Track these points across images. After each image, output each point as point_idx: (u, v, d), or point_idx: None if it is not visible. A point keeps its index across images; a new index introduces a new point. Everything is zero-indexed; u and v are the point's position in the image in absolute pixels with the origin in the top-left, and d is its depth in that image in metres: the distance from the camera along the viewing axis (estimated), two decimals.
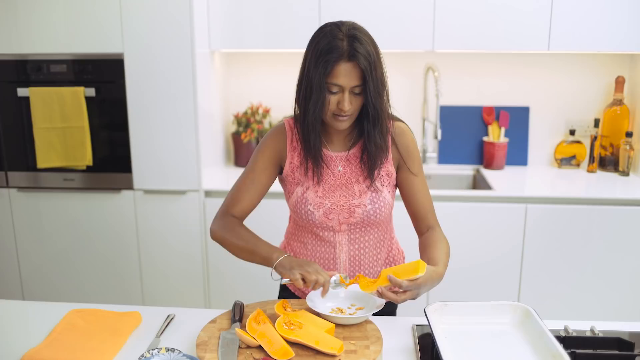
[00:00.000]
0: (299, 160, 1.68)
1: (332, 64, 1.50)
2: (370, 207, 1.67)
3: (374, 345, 1.42)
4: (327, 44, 1.51)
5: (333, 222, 1.68)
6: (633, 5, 2.72)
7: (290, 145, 1.69)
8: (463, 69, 3.19)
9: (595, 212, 2.71)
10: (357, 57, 1.50)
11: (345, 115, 1.57)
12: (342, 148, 1.70)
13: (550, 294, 2.81)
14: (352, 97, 1.55)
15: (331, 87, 1.53)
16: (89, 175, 2.85)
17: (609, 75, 3.13)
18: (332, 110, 1.56)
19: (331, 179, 1.68)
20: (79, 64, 2.74)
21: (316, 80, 1.52)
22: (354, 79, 1.52)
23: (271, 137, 1.72)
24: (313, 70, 1.53)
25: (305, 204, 1.67)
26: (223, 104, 3.20)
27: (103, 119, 2.80)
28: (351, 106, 1.55)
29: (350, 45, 1.50)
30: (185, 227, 2.86)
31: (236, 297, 2.89)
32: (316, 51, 1.53)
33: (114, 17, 2.66)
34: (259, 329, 1.43)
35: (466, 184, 3.24)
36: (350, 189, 1.68)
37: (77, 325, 1.56)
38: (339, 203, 1.67)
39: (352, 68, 1.51)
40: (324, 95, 1.54)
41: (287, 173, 1.70)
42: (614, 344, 1.49)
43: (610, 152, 3.11)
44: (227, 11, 2.86)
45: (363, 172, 1.68)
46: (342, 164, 1.68)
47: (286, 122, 1.72)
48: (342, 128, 1.61)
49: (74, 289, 2.99)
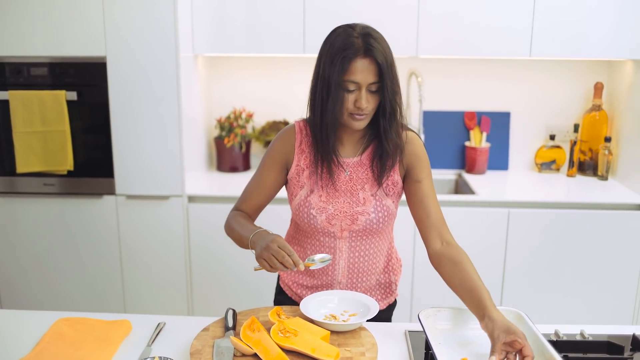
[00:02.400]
0: (305, 163, 1.67)
1: (348, 60, 1.50)
2: (374, 216, 1.65)
3: (369, 351, 1.42)
4: (342, 42, 1.52)
5: (335, 228, 1.66)
6: (611, 14, 2.77)
7: (298, 148, 1.68)
8: (445, 75, 3.22)
9: (576, 217, 2.75)
10: (373, 53, 1.50)
11: (362, 114, 1.55)
12: (352, 153, 1.68)
13: (532, 298, 2.85)
14: (369, 95, 1.54)
15: (348, 84, 1.52)
16: (69, 180, 2.80)
17: (587, 81, 3.19)
18: (350, 109, 1.55)
19: (337, 185, 1.66)
20: (61, 67, 2.69)
21: (334, 78, 1.52)
22: (371, 75, 1.52)
23: (280, 138, 1.71)
24: (329, 69, 1.52)
25: (308, 207, 1.66)
26: (206, 109, 3.18)
27: (85, 123, 2.75)
28: (369, 104, 1.54)
29: (365, 42, 1.51)
30: (169, 233, 2.82)
31: (220, 304, 2.88)
32: (331, 50, 1.53)
33: (96, 20, 2.62)
34: (254, 337, 1.41)
35: (448, 188, 3.26)
36: (355, 196, 1.66)
37: (66, 335, 1.53)
38: (343, 209, 1.65)
39: (368, 64, 1.51)
40: (342, 94, 1.53)
41: (292, 175, 1.69)
42: (604, 347, 1.51)
43: (589, 156, 3.16)
44: (211, 15, 2.84)
45: (369, 179, 1.66)
46: (350, 170, 1.67)
47: (296, 124, 1.71)
48: (359, 128, 1.59)
49: (53, 296, 2.93)
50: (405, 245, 2.81)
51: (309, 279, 1.76)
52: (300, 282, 1.78)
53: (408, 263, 2.83)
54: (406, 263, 2.83)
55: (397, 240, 1.91)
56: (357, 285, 1.74)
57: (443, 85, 3.24)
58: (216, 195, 2.82)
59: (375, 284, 1.79)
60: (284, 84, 3.22)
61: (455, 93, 3.25)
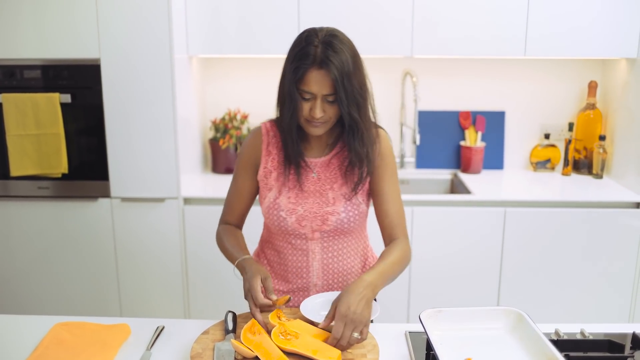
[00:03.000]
0: (272, 165, 1.67)
1: (302, 70, 1.50)
2: (344, 215, 1.64)
3: (370, 353, 1.41)
4: (300, 50, 1.51)
5: (306, 230, 1.65)
6: (605, 13, 2.78)
7: (265, 150, 1.68)
8: (439, 74, 3.22)
9: (572, 215, 2.76)
10: (328, 65, 1.48)
11: (317, 122, 1.56)
12: (319, 154, 1.69)
13: (529, 297, 2.85)
14: (326, 104, 1.54)
15: (303, 93, 1.52)
16: (64, 183, 2.78)
17: (581, 80, 3.20)
18: (305, 116, 1.55)
19: (305, 186, 1.66)
20: (54, 70, 2.67)
21: (289, 86, 1.53)
22: (325, 87, 1.51)
23: (247, 142, 1.73)
24: (287, 75, 1.54)
25: (278, 209, 1.65)
26: (200, 110, 3.17)
27: (79, 126, 2.74)
28: (324, 114, 1.54)
29: (323, 53, 1.49)
30: (164, 236, 2.81)
31: (217, 306, 2.87)
32: (291, 56, 1.54)
33: (90, 22, 2.60)
34: (254, 340, 1.41)
35: (444, 188, 3.26)
36: (324, 196, 1.65)
37: (64, 339, 1.51)
38: (312, 210, 1.64)
39: (323, 76, 1.50)
40: (296, 101, 1.53)
41: (261, 178, 1.70)
42: (605, 346, 1.51)
43: (584, 155, 3.17)
44: (205, 16, 2.83)
45: (338, 178, 1.66)
46: (317, 170, 1.67)
47: (263, 125, 1.72)
48: (316, 134, 1.60)
49: (49, 300, 2.91)
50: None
51: (284, 283, 1.75)
52: (276, 287, 1.76)
53: None
54: None
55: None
56: (333, 286, 1.73)
57: (438, 85, 3.24)
58: (212, 197, 2.80)
59: None
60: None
61: (449, 93, 3.25)
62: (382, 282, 1.52)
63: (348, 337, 1.37)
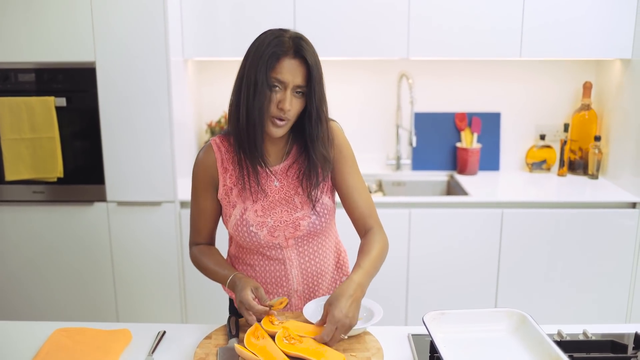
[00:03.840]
0: (232, 181, 1.60)
1: (277, 57, 1.45)
2: (315, 217, 1.61)
3: (375, 356, 1.41)
4: (272, 40, 1.47)
5: (279, 239, 1.61)
6: (600, 14, 2.79)
7: (221, 167, 1.60)
8: (435, 76, 3.23)
9: (569, 216, 2.77)
10: (304, 53, 1.47)
11: (284, 118, 1.50)
12: (277, 161, 1.63)
13: (527, 297, 2.86)
14: (293, 98, 1.49)
15: (274, 82, 1.47)
16: (59, 188, 2.76)
17: (576, 81, 3.21)
18: (272, 112, 1.49)
19: (269, 196, 1.60)
20: (49, 73, 2.65)
21: (260, 76, 1.46)
22: (298, 77, 1.47)
23: (200, 162, 1.63)
24: (256, 67, 1.47)
25: (247, 225, 1.58)
26: (196, 113, 3.15)
27: (74, 129, 2.72)
28: (292, 107, 1.49)
29: (296, 44, 1.47)
30: (161, 240, 2.79)
31: (214, 311, 2.85)
32: (260, 48, 1.48)
33: (85, 25, 2.59)
34: (258, 344, 1.40)
35: (440, 189, 3.26)
36: (291, 203, 1.61)
37: (65, 346, 1.50)
38: (282, 219, 1.60)
39: (297, 65, 1.47)
40: (267, 92, 1.47)
41: (222, 196, 1.62)
42: (608, 346, 1.51)
43: (580, 156, 3.18)
44: (201, 19, 2.82)
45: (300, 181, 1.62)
46: (278, 178, 1.62)
47: (212, 142, 1.63)
48: (277, 135, 1.53)
49: (45, 306, 2.88)
50: (399, 251, 2.81)
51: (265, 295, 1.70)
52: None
53: (402, 265, 2.82)
54: (400, 266, 2.83)
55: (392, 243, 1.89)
56: (314, 289, 1.71)
57: (433, 86, 3.24)
58: None
59: (331, 281, 1.76)
60: None
61: (445, 94, 3.26)
62: (368, 280, 1.52)
63: (337, 339, 1.41)
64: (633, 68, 2.85)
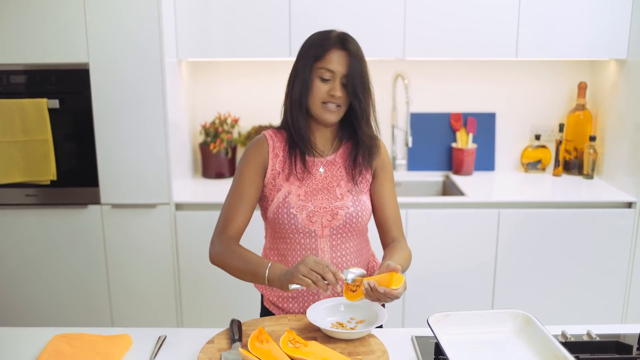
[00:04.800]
0: (280, 166, 1.69)
1: (325, 49, 1.61)
2: (353, 210, 1.68)
3: (380, 359, 1.39)
4: (319, 37, 1.65)
5: (316, 226, 1.66)
6: (594, 15, 2.80)
7: (272, 153, 1.70)
8: (430, 76, 3.22)
9: (565, 216, 2.77)
10: (349, 47, 1.61)
11: (335, 103, 1.63)
12: (325, 152, 1.74)
13: (524, 298, 2.85)
14: (342, 88, 1.62)
15: (323, 72, 1.61)
16: (52, 191, 2.72)
17: (571, 81, 3.21)
18: (323, 98, 1.62)
19: (313, 182, 1.69)
20: (41, 75, 2.62)
21: (309, 67, 1.61)
22: (345, 66, 1.61)
23: (253, 147, 1.72)
24: (305, 60, 1.63)
25: (288, 207, 1.65)
26: (190, 114, 3.13)
27: (67, 131, 2.68)
28: (341, 95, 1.62)
29: (341, 38, 1.63)
30: (156, 243, 2.76)
31: (209, 314, 2.83)
32: (308, 46, 1.65)
33: (78, 26, 2.55)
34: (263, 348, 1.38)
35: (436, 190, 3.26)
36: (332, 192, 1.69)
37: (64, 352, 1.47)
38: (322, 205, 1.67)
39: (344, 56, 1.61)
40: (317, 82, 1.61)
41: (269, 180, 1.69)
42: (613, 347, 1.51)
43: (575, 156, 3.18)
44: (195, 19, 2.79)
45: (343, 177, 1.71)
46: (324, 167, 1.71)
47: (266, 133, 1.74)
48: (331, 120, 1.65)
49: (38, 310, 2.84)
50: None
51: None
52: (285, 294, 1.72)
53: None
54: None
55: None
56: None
57: (428, 87, 3.23)
58: (204, 202, 2.77)
59: None
60: (269, 88, 3.18)
61: (440, 95, 3.25)
62: None
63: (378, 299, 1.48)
64: (628, 68, 2.85)
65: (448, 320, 1.52)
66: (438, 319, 1.51)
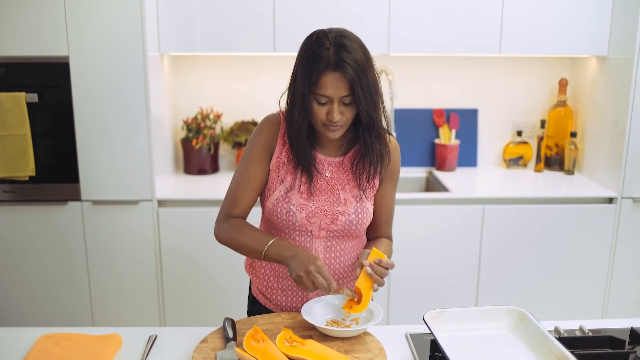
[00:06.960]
0: (287, 156, 1.62)
1: (317, 74, 1.47)
2: (354, 217, 1.63)
3: (377, 357, 1.38)
4: (312, 53, 1.48)
5: (313, 227, 1.62)
6: (576, 11, 2.82)
7: (281, 139, 1.62)
8: (413, 73, 3.22)
9: (548, 211, 2.79)
10: (343, 67, 1.46)
11: (335, 125, 1.53)
12: (334, 153, 1.66)
13: (507, 293, 2.87)
14: (343, 107, 1.52)
15: (319, 98, 1.50)
16: (31, 187, 2.66)
17: (552, 77, 3.24)
18: (322, 120, 1.53)
19: (318, 181, 1.62)
20: (19, 68, 2.55)
21: (300, 90, 1.50)
22: (341, 89, 1.48)
23: (266, 127, 1.64)
24: (299, 79, 1.50)
25: (288, 203, 1.60)
26: (171, 109, 3.08)
27: (47, 126, 2.62)
28: (342, 116, 1.52)
29: (336, 55, 1.46)
30: (138, 240, 2.71)
31: (192, 313, 2.80)
32: (303, 60, 1.51)
33: (58, 18, 2.49)
34: (259, 347, 1.35)
35: (419, 186, 3.26)
36: (335, 195, 1.63)
37: (52, 353, 1.43)
38: (323, 208, 1.62)
39: (338, 78, 1.47)
40: (308, 106, 1.50)
41: (273, 167, 1.63)
42: (606, 341, 1.52)
43: (556, 152, 3.21)
44: (177, 13, 2.74)
45: (350, 180, 1.65)
46: (331, 170, 1.64)
47: (280, 113, 1.64)
48: (334, 137, 1.58)
49: (16, 309, 2.77)
50: None
51: (286, 282, 1.70)
52: (274, 285, 1.71)
53: None
54: None
55: None
56: None
57: (411, 83, 3.23)
58: (187, 198, 2.73)
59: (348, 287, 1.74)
60: (253, 83, 3.15)
61: (423, 91, 3.25)
62: None
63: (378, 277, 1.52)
64: (608, 65, 2.89)
65: (443, 316, 1.52)
66: (434, 315, 1.50)
